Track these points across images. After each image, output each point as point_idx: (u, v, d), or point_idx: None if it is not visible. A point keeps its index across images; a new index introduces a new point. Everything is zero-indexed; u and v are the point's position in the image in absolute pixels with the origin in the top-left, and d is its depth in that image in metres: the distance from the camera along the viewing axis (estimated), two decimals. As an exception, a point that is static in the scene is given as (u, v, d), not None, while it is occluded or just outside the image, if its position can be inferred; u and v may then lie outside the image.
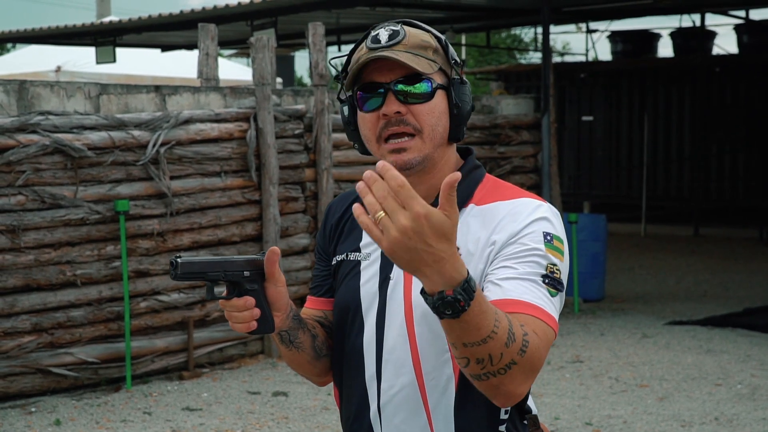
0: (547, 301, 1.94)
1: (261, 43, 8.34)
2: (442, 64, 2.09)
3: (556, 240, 2.01)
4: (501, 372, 1.81)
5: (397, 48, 2.05)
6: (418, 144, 2.06)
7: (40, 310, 7.15)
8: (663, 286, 12.21)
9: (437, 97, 2.07)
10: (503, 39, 32.35)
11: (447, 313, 1.70)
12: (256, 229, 8.32)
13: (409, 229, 1.62)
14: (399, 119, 2.05)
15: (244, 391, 7.38)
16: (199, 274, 2.01)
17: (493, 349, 1.77)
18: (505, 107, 10.70)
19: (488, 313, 1.75)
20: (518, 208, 2.05)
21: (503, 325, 1.77)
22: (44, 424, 6.61)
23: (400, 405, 2.09)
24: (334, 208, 2.31)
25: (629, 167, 19.43)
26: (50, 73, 15.93)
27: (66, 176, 7.22)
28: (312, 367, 2.23)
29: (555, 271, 1.97)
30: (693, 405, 7.00)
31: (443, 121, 2.09)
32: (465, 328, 1.74)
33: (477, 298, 1.72)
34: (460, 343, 1.77)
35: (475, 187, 2.13)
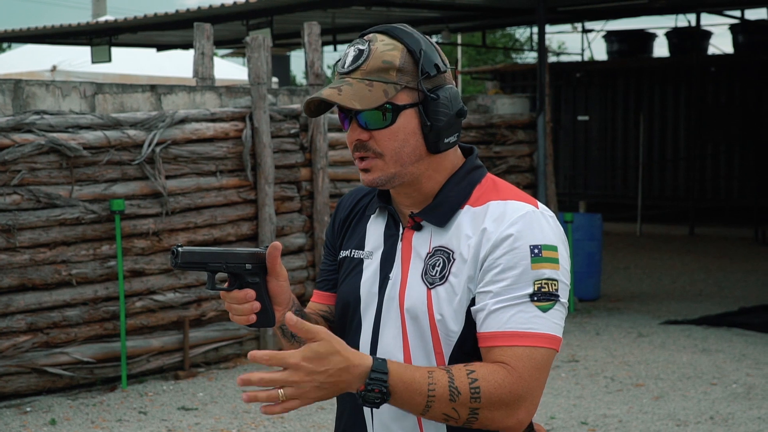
0: (536, 320, 1.95)
1: (257, 42, 8.34)
2: (408, 82, 2.04)
3: (546, 249, 1.99)
4: (473, 419, 1.92)
5: (354, 75, 2.03)
6: (380, 165, 2.06)
7: (36, 309, 7.14)
8: (658, 286, 12.23)
9: (402, 118, 2.04)
10: (499, 38, 32.36)
11: (377, 401, 1.86)
12: (252, 228, 8.32)
13: (304, 377, 1.81)
14: (361, 144, 2.06)
15: (239, 391, 7.37)
16: (200, 264, 2.02)
17: (443, 409, 1.90)
18: (501, 107, 10.70)
19: (416, 382, 1.88)
20: (504, 215, 2.03)
21: (441, 384, 1.89)
22: (39, 423, 6.60)
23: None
24: (345, 203, 2.32)
25: (625, 167, 19.45)
26: (46, 72, 15.93)
27: (61, 176, 7.21)
28: None
29: (544, 285, 1.97)
30: (688, 404, 7.00)
31: (411, 141, 2.06)
32: (403, 404, 1.89)
33: (395, 376, 1.86)
34: (418, 415, 1.92)
35: (473, 188, 2.11)
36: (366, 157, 2.07)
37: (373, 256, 2.17)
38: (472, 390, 1.88)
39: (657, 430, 6.45)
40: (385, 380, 1.85)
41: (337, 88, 2.02)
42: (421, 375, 1.88)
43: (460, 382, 1.89)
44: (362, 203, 2.27)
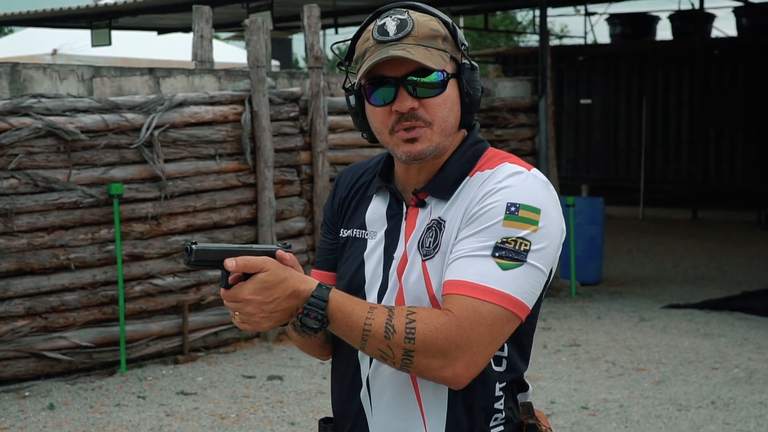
0: (491, 276, 1.92)
1: (256, 25, 8.28)
2: (451, 51, 2.04)
3: (525, 210, 1.96)
4: (407, 362, 1.91)
5: (406, 41, 2.00)
6: (428, 134, 2.03)
7: (34, 294, 7.11)
8: (660, 270, 12.18)
9: (449, 87, 2.04)
10: (500, 21, 32.23)
11: (314, 328, 1.91)
12: (251, 212, 8.28)
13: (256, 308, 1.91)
14: (411, 114, 2.02)
15: (239, 375, 7.35)
16: (214, 262, 1.98)
17: (378, 345, 1.90)
18: (503, 90, 10.64)
19: (355, 314, 1.91)
20: (494, 174, 2.03)
21: (379, 320, 1.90)
22: (38, 408, 6.58)
23: (388, 383, 2.07)
24: (344, 178, 2.28)
25: (627, 150, 19.38)
26: (46, 56, 15.87)
27: (59, 159, 7.17)
28: (322, 349, 2.23)
29: (510, 242, 1.94)
30: (690, 389, 6.97)
31: (455, 111, 2.05)
32: (342, 334, 1.93)
33: (334, 304, 1.91)
34: (357, 347, 1.96)
35: (475, 161, 2.09)
36: (414, 127, 2.02)
37: (377, 235, 2.14)
38: (407, 329, 1.89)
39: (658, 414, 6.42)
40: (323, 307, 1.90)
41: (402, 50, 1.98)
42: (361, 308, 1.92)
43: (398, 320, 1.89)
44: (362, 181, 2.23)
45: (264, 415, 6.44)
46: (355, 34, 2.10)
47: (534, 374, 7.33)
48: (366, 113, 2.10)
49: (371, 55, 2.01)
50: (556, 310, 9.68)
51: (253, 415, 6.44)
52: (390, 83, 2.01)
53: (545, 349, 8.13)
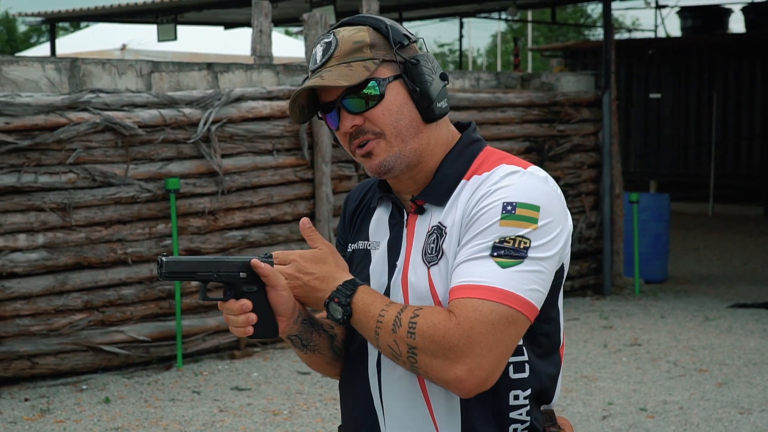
0: (490, 274, 1.87)
1: (314, 19, 8.25)
2: (384, 55, 2.00)
3: (522, 208, 1.91)
4: (412, 360, 1.88)
5: (329, 65, 1.99)
6: (382, 145, 2.00)
7: (91, 288, 7.16)
8: (728, 268, 11.93)
9: (390, 91, 1.99)
10: (570, 14, 31.89)
11: (338, 317, 1.95)
12: (309, 207, 8.25)
13: (293, 272, 1.97)
14: (358, 130, 2.00)
15: (294, 371, 7.33)
16: (188, 273, 1.95)
17: (387, 339, 1.90)
18: (566, 84, 10.49)
19: (374, 305, 1.93)
20: (490, 177, 1.98)
21: (390, 313, 1.90)
22: (94, 402, 6.62)
23: (400, 394, 2.02)
24: (352, 197, 2.27)
25: (698, 145, 19.04)
26: (116, 51, 16.07)
27: (117, 154, 7.21)
28: (332, 367, 2.18)
29: (508, 241, 1.88)
30: (753, 391, 6.79)
31: (405, 112, 2.00)
32: (360, 326, 1.95)
33: (360, 294, 1.94)
34: (374, 345, 1.96)
35: (470, 163, 2.05)
36: (366, 142, 2.00)
37: (380, 245, 2.11)
38: (410, 324, 1.87)
39: (719, 417, 6.25)
40: (349, 295, 1.93)
41: (318, 77, 1.99)
42: (381, 302, 1.93)
43: (405, 315, 1.89)
44: (368, 196, 2.22)
45: (316, 412, 6.41)
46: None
47: (592, 374, 7.21)
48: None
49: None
50: (618, 308, 9.52)
51: (306, 412, 6.41)
52: (332, 109, 2.02)
53: (605, 348, 7.99)
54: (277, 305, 1.99)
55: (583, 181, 10.27)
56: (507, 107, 9.72)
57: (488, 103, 9.54)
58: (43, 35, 30.79)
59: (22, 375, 6.93)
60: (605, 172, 10.24)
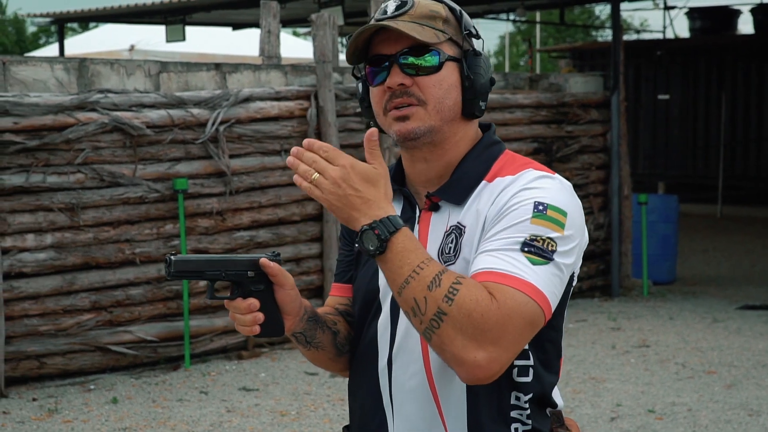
0: (524, 268, 1.84)
1: (322, 20, 8.24)
2: (453, 34, 2.00)
3: (552, 210, 1.89)
4: (435, 325, 1.78)
5: (402, 18, 1.96)
6: (421, 113, 1.97)
7: (99, 288, 7.17)
8: (737, 269, 11.90)
9: (446, 69, 1.98)
10: (578, 15, 31.85)
11: (370, 248, 1.81)
12: (317, 208, 8.25)
13: (338, 178, 1.81)
14: (403, 91, 1.97)
15: (301, 372, 7.32)
16: (196, 272, 1.94)
17: (417, 291, 1.79)
18: (574, 85, 10.47)
19: (415, 253, 1.81)
20: (518, 179, 1.96)
21: (431, 268, 1.81)
22: (101, 401, 6.62)
23: (410, 394, 2.00)
24: None
25: (706, 147, 18.99)
26: (124, 52, 16.07)
27: (125, 154, 7.21)
28: (335, 363, 2.16)
29: (538, 240, 1.86)
30: (762, 393, 6.76)
31: (453, 95, 1.99)
32: (390, 268, 1.82)
33: (401, 236, 1.82)
34: (395, 292, 1.83)
35: (491, 164, 2.03)
36: (405, 105, 1.97)
37: None
38: (450, 288, 1.78)
39: (728, 419, 6.23)
40: (392, 231, 1.82)
41: (390, 21, 1.96)
42: (422, 253, 1.83)
43: (447, 277, 1.80)
44: None
45: (324, 413, 6.40)
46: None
47: (601, 376, 7.19)
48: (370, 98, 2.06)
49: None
50: (626, 309, 9.50)
51: (314, 413, 6.41)
52: (385, 62, 1.98)
53: (614, 349, 7.97)
54: (284, 304, 1.98)
55: (591, 183, 10.25)
56: (515, 108, 9.70)
57: (496, 103, 9.52)
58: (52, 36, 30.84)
59: (30, 375, 6.93)
60: (614, 173, 10.22)
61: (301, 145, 1.91)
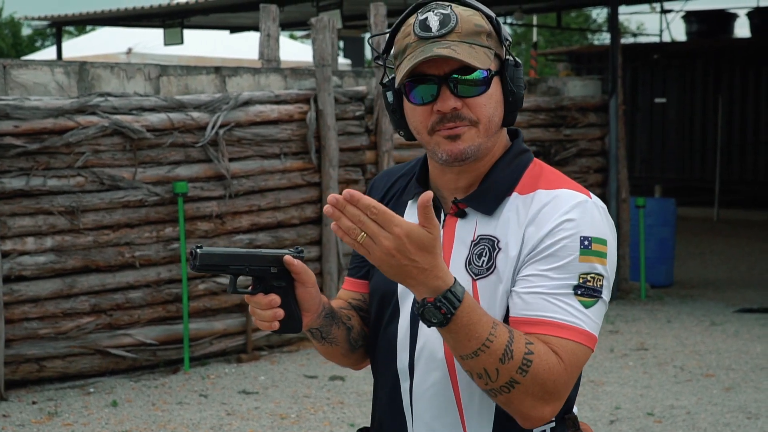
0: (580, 315, 1.86)
1: (321, 23, 8.26)
2: (495, 48, 1.97)
3: (596, 243, 1.90)
4: (505, 390, 1.81)
5: (450, 38, 1.92)
6: (472, 134, 1.95)
7: (99, 291, 7.17)
8: (734, 273, 11.93)
9: (493, 85, 1.96)
10: (574, 19, 31.89)
11: (433, 321, 1.77)
12: (316, 211, 8.26)
13: (392, 248, 1.72)
14: (454, 114, 1.94)
15: (301, 375, 7.33)
16: (220, 266, 1.93)
17: (487, 363, 1.79)
18: (572, 89, 10.49)
19: (480, 324, 1.78)
20: (556, 201, 1.94)
21: (500, 339, 1.78)
22: (101, 404, 6.63)
23: (431, 400, 2.00)
24: (379, 183, 2.21)
25: (703, 150, 19.03)
26: (121, 55, 16.07)
27: (125, 158, 7.22)
28: (346, 358, 2.17)
29: (589, 280, 1.88)
30: (761, 396, 6.78)
31: (499, 110, 1.98)
32: (455, 339, 1.78)
33: (465, 308, 1.77)
34: (458, 356, 1.82)
35: (521, 174, 2.02)
36: (457, 126, 1.95)
37: None
38: (524, 360, 1.79)
39: (726, 422, 6.25)
40: (456, 306, 1.76)
41: (447, 48, 1.90)
42: (487, 321, 1.79)
43: (517, 347, 1.80)
44: (397, 186, 2.16)
45: (324, 416, 6.41)
46: (393, 28, 2.02)
47: (599, 379, 7.21)
48: (404, 111, 2.02)
49: (413, 52, 1.93)
50: (624, 312, 9.52)
51: (313, 416, 6.42)
52: (432, 81, 1.93)
53: (612, 353, 7.98)
54: (304, 301, 1.98)
55: (589, 186, 10.26)
56: (513, 112, 9.70)
57: (495, 107, 9.52)
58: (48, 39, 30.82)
59: (30, 378, 6.94)
60: (612, 176, 10.25)
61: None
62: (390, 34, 2.03)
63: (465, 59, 1.89)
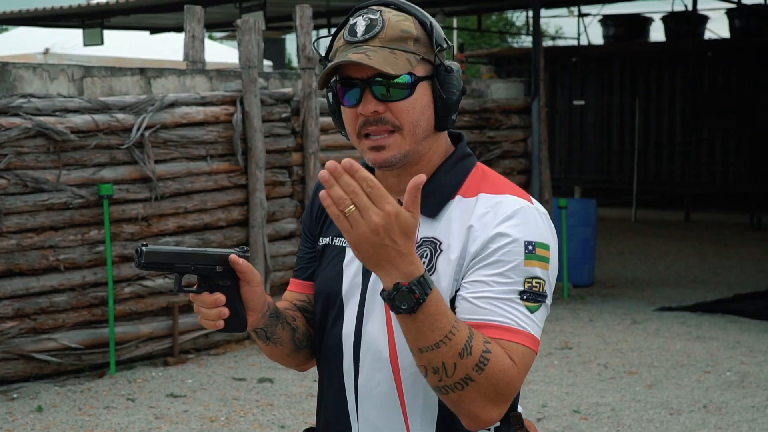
0: (526, 319, 1.89)
1: (247, 25, 8.24)
2: (424, 53, 1.98)
3: (539, 248, 1.93)
4: (458, 387, 1.82)
5: (372, 43, 1.94)
6: (397, 141, 1.97)
7: (23, 295, 7.06)
8: (653, 272, 12.17)
9: (419, 90, 1.97)
10: (495, 22, 32.21)
11: (403, 308, 1.76)
12: (243, 213, 8.24)
13: (379, 226, 1.71)
14: (377, 118, 1.96)
15: (229, 378, 7.31)
16: (166, 264, 1.93)
17: (447, 357, 1.80)
18: (495, 91, 10.61)
19: (445, 316, 1.80)
20: (499, 207, 1.96)
21: (462, 334, 1.80)
22: (26, 410, 6.53)
23: (375, 400, 2.02)
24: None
25: (620, 152, 19.38)
26: (38, 55, 15.81)
27: (49, 160, 7.12)
28: (291, 359, 2.18)
29: (535, 285, 1.91)
30: (682, 392, 6.94)
31: (426, 115, 1.99)
32: (420, 328, 1.78)
33: (434, 297, 1.78)
34: (416, 349, 1.82)
35: (464, 177, 2.04)
36: (378, 134, 1.97)
37: None
38: (481, 357, 1.81)
39: (650, 418, 6.39)
40: (428, 293, 1.76)
41: (362, 53, 1.92)
42: (450, 314, 1.81)
43: (476, 344, 1.81)
44: None
45: (254, 418, 6.40)
46: (335, 31, 2.05)
47: (526, 377, 7.29)
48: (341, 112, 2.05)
49: (338, 56, 1.97)
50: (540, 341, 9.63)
51: (243, 418, 6.40)
52: (356, 85, 1.96)
53: (537, 351, 8.09)
54: (249, 300, 1.99)
55: (512, 187, 10.39)
56: (438, 114, 9.78)
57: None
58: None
59: (-48, 384, 6.81)
60: (534, 178, 10.39)
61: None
62: (331, 37, 2.06)
63: (375, 65, 1.91)
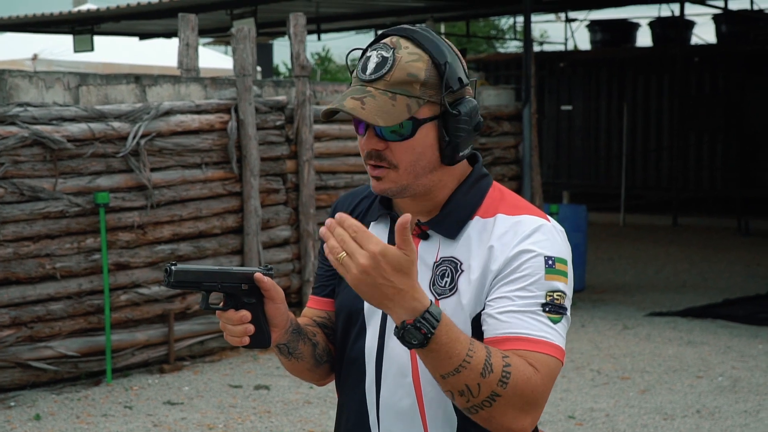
0: (549, 330, 1.94)
1: (242, 33, 8.28)
2: (431, 96, 1.99)
3: (559, 262, 1.99)
4: (486, 405, 1.87)
5: (377, 84, 1.98)
6: (393, 176, 2.02)
7: (19, 303, 7.08)
8: (642, 277, 12.25)
9: (421, 131, 2.00)
10: (481, 28, 32.30)
11: (413, 343, 1.82)
12: (237, 221, 8.27)
13: (368, 266, 1.78)
14: (376, 154, 2.02)
15: (225, 385, 7.34)
16: (194, 283, 1.99)
17: (469, 379, 1.85)
18: (486, 98, 10.67)
19: (459, 342, 1.84)
20: (518, 227, 2.02)
21: (479, 355, 1.85)
22: (24, 418, 6.55)
23: (397, 414, 2.06)
24: (343, 204, 2.26)
25: (608, 157, 19.47)
26: (27, 61, 15.80)
27: (45, 168, 7.15)
28: (312, 374, 2.23)
29: (557, 298, 1.96)
30: (675, 397, 7.01)
31: (428, 155, 2.02)
32: (435, 358, 1.84)
33: (443, 327, 1.83)
34: (438, 376, 1.87)
35: (482, 198, 2.08)
36: (379, 166, 2.03)
37: None
38: (503, 373, 1.85)
39: (644, 424, 6.45)
40: (435, 326, 1.81)
41: (359, 100, 1.97)
42: (464, 338, 1.85)
43: (495, 360, 1.86)
44: (361, 207, 2.22)
45: (252, 425, 6.44)
46: (363, 49, 2.08)
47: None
48: None
49: (346, 92, 2.02)
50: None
51: (241, 425, 6.44)
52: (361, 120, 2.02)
53: (530, 357, 8.15)
54: (273, 317, 2.04)
55: (503, 193, 10.44)
56: (430, 121, 9.83)
57: (412, 116, 9.64)
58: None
59: (-51, 393, 6.82)
60: (526, 184, 10.45)
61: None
62: (362, 52, 2.09)
63: (365, 117, 1.95)
